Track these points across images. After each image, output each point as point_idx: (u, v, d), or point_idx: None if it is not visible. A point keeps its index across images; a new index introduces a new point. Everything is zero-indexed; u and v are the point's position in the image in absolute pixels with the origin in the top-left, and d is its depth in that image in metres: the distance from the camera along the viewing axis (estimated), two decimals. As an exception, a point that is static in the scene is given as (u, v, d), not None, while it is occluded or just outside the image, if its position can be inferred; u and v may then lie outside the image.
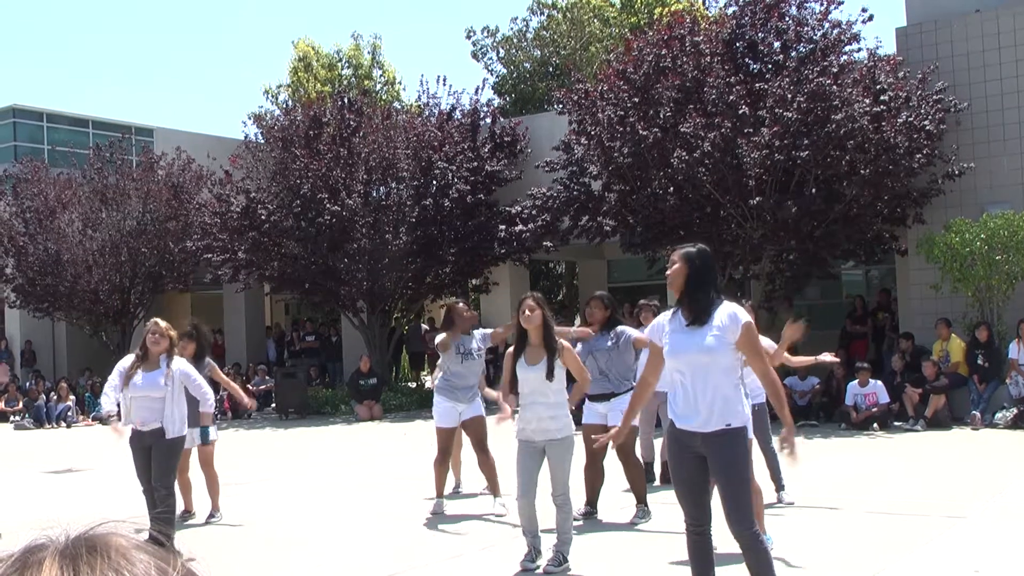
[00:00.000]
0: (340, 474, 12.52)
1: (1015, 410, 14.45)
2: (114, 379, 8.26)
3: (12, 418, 22.87)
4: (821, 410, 15.96)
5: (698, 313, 5.27)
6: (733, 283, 18.70)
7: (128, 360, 8.26)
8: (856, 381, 15.15)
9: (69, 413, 22.10)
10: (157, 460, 8.02)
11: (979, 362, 15.38)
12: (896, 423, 14.91)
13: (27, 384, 24.15)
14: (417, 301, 21.96)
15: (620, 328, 8.61)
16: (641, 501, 8.71)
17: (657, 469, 10.76)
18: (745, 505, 5.19)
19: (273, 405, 21.82)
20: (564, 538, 6.90)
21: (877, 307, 19.97)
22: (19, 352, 27.67)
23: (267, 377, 22.74)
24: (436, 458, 9.33)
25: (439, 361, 9.62)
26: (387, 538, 8.49)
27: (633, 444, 8.71)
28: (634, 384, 7.83)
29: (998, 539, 7.52)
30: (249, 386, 22.28)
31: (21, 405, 23.22)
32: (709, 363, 5.20)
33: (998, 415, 14.61)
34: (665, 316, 5.51)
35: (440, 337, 9.19)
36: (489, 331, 9.64)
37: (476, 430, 9.26)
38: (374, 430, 17.84)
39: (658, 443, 10.56)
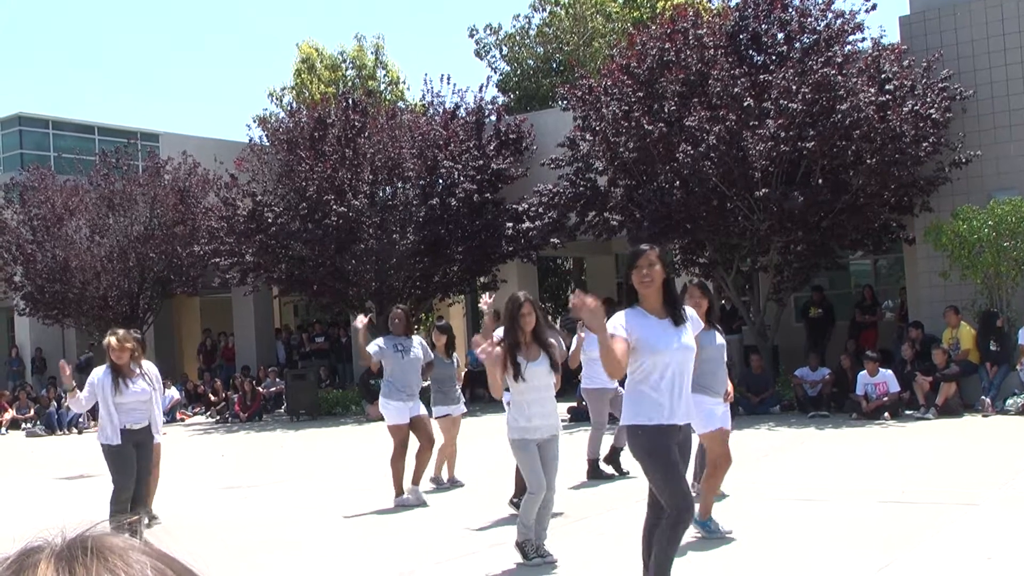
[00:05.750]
0: (351, 474, 12.53)
1: (1026, 396, 14.41)
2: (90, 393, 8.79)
3: (24, 425, 22.93)
4: (832, 400, 15.93)
5: (680, 313, 5.51)
6: (741, 276, 18.65)
7: (98, 374, 8.76)
8: (866, 371, 15.12)
9: (80, 419, 22.14)
10: (144, 457, 8.70)
11: (991, 348, 15.35)
12: (907, 412, 14.86)
13: (41, 392, 24.21)
14: (426, 300, 21.93)
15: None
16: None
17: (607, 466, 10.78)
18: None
19: (284, 407, 21.86)
20: (542, 532, 7.02)
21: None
22: (30, 360, 27.77)
23: (277, 379, 22.76)
24: (393, 455, 9.89)
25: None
26: (399, 536, 8.50)
27: None
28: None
29: (1011, 526, 7.50)
30: (260, 388, 22.35)
31: (33, 412, 23.29)
32: (688, 360, 5.47)
33: (1009, 401, 14.58)
34: (622, 315, 5.44)
35: (367, 347, 9.84)
36: (424, 344, 10.27)
37: (423, 428, 9.99)
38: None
39: (607, 439, 10.62)
